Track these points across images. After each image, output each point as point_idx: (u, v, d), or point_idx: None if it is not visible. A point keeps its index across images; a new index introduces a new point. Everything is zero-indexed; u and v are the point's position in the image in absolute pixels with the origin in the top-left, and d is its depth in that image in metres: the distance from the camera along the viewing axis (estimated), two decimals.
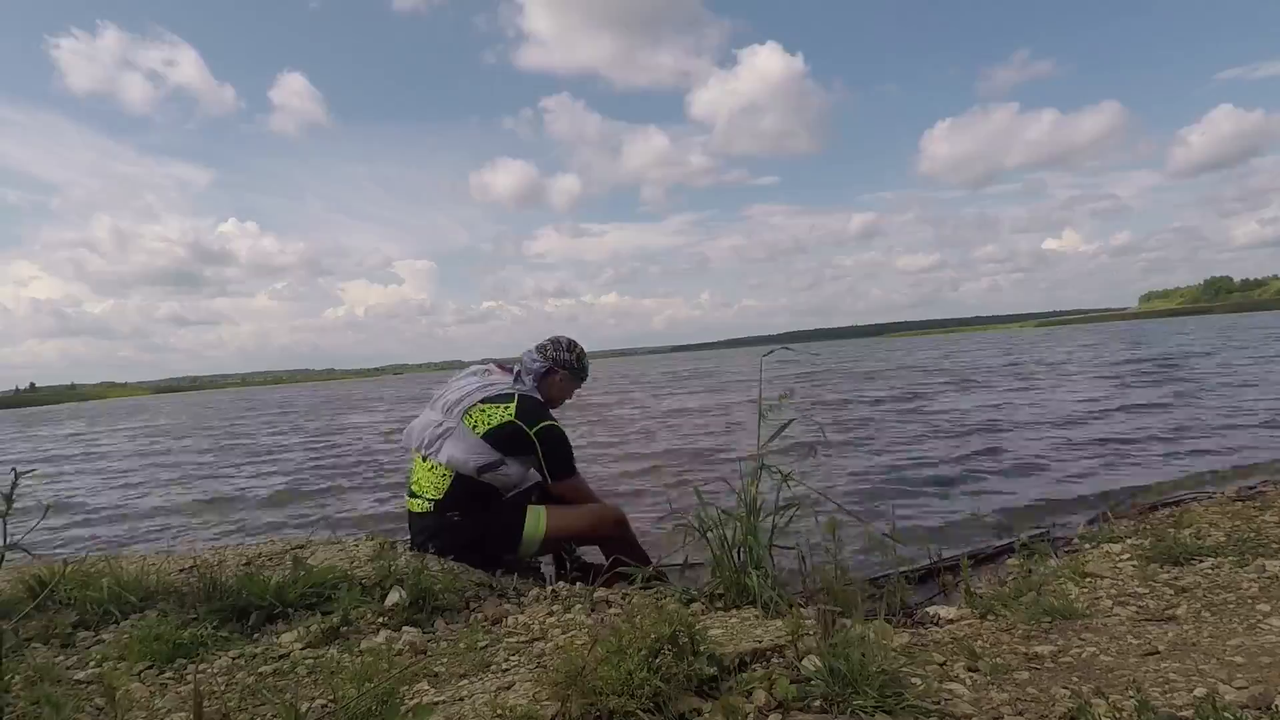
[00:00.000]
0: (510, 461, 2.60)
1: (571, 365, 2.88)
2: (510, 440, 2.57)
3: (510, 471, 2.61)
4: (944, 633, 1.72)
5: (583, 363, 2.94)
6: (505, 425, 2.57)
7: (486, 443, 2.55)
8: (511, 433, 2.57)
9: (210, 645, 1.74)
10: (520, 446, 2.59)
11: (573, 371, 2.90)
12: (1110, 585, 2.05)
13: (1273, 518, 2.68)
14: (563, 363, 2.86)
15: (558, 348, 2.87)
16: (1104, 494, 4.01)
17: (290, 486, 6.59)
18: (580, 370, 2.94)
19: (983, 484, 4.65)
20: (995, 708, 1.28)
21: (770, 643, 1.55)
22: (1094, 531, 2.93)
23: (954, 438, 6.59)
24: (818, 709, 1.27)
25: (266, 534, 4.54)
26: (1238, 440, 5.46)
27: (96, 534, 5.12)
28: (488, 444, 2.55)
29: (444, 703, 1.39)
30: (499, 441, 2.56)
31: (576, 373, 2.92)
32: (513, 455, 2.60)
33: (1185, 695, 1.29)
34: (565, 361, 2.86)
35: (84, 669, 1.66)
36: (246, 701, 1.46)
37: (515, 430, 2.58)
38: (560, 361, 2.85)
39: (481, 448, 2.55)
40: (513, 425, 2.58)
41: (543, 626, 1.87)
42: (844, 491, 4.56)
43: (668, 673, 1.27)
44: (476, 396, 2.64)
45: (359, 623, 1.88)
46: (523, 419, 2.59)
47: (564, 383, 2.90)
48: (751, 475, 2.14)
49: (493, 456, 2.56)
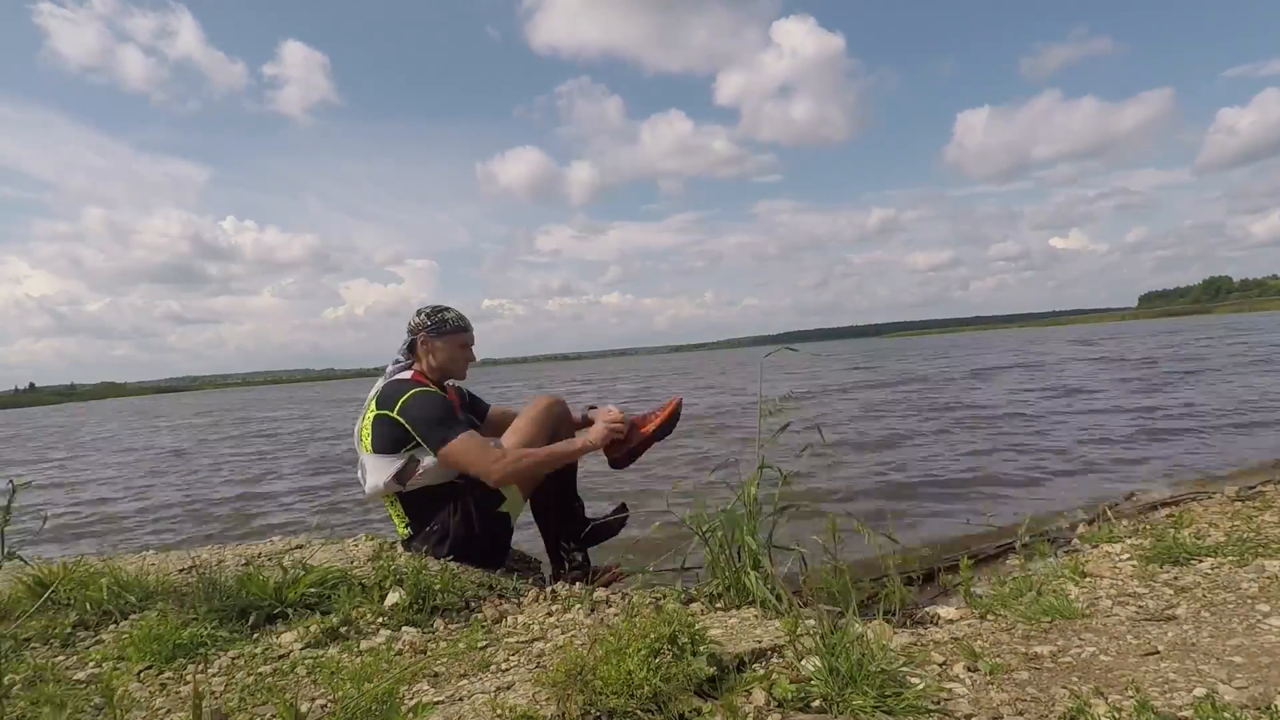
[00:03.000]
0: (419, 455, 2.40)
1: (425, 325, 2.57)
2: (391, 436, 2.38)
3: (429, 464, 2.39)
4: (944, 633, 1.72)
5: (440, 316, 2.60)
6: (375, 423, 2.39)
7: (382, 454, 2.39)
8: (386, 427, 2.38)
9: (210, 645, 1.74)
10: (403, 436, 2.37)
11: (433, 329, 2.58)
12: (1110, 585, 2.05)
13: (1272, 518, 2.68)
14: (417, 327, 2.58)
15: (412, 320, 2.62)
16: (1104, 494, 4.01)
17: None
18: (439, 325, 2.59)
19: (983, 484, 4.65)
20: (995, 708, 1.28)
21: (770, 643, 1.55)
22: (1094, 531, 2.93)
23: (954, 438, 6.59)
24: (817, 709, 1.27)
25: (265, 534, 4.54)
26: (1233, 441, 5.47)
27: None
28: (384, 454, 2.39)
29: (444, 703, 1.39)
30: (387, 443, 2.38)
31: (436, 328, 2.58)
32: (408, 448, 2.39)
33: (1185, 695, 1.29)
34: (419, 325, 2.58)
35: (83, 669, 1.66)
36: (246, 701, 1.46)
37: (384, 422, 2.38)
38: (415, 327, 2.58)
39: (383, 462, 2.39)
40: (379, 418, 2.38)
41: (542, 626, 1.87)
42: (844, 492, 4.56)
43: (667, 673, 1.27)
44: (359, 419, 2.51)
45: (359, 623, 1.88)
46: (383, 407, 2.39)
47: (432, 344, 2.58)
48: (751, 475, 2.14)
49: (398, 462, 2.38)
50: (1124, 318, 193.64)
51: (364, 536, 2.80)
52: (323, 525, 4.73)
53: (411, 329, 2.60)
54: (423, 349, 2.59)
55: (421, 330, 2.58)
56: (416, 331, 2.59)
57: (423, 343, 2.59)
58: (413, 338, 2.60)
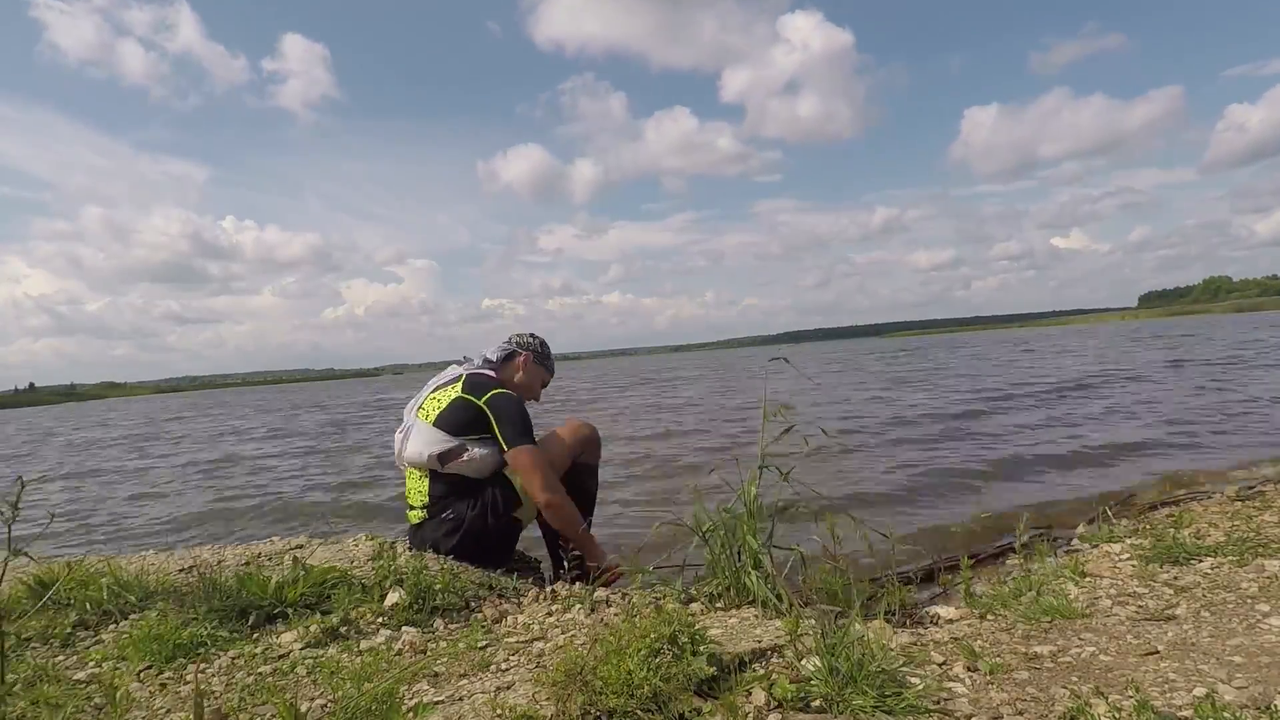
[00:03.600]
0: (472, 445, 2.45)
1: (535, 349, 2.78)
2: (463, 419, 2.44)
3: (475, 455, 2.45)
4: (944, 632, 1.72)
5: (547, 349, 2.83)
6: (453, 403, 2.46)
7: (441, 430, 2.44)
8: (461, 409, 2.45)
9: (210, 645, 1.74)
10: (475, 425, 2.45)
11: (537, 356, 2.78)
12: (1110, 585, 2.05)
13: (1272, 517, 2.68)
14: (526, 345, 2.77)
15: (520, 335, 2.80)
16: (1103, 494, 4.01)
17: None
18: (545, 355, 2.81)
19: (983, 484, 4.65)
20: (995, 707, 1.28)
21: (770, 643, 1.55)
22: (1094, 531, 2.93)
23: (954, 438, 6.59)
24: (817, 709, 1.27)
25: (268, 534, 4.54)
26: (1236, 440, 5.46)
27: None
28: (443, 431, 2.44)
29: (443, 703, 1.39)
30: (452, 424, 2.44)
31: (541, 357, 2.80)
32: (472, 437, 2.45)
33: (1185, 695, 1.29)
34: (529, 345, 2.77)
35: (83, 669, 1.66)
36: (246, 701, 1.46)
37: (463, 405, 2.45)
38: (524, 344, 2.77)
39: (436, 435, 2.44)
40: (460, 400, 2.46)
41: (542, 626, 1.87)
42: (843, 492, 4.56)
43: (667, 673, 1.27)
44: (430, 388, 2.60)
45: (359, 622, 1.88)
46: (469, 392, 2.48)
47: (530, 368, 2.76)
48: (751, 475, 2.14)
49: (451, 443, 2.43)
50: (1124, 317, 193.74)
51: (364, 537, 2.80)
52: (324, 526, 4.73)
53: (518, 344, 2.79)
54: (520, 364, 2.76)
55: (529, 350, 2.79)
56: (523, 349, 2.78)
57: (524, 360, 2.76)
58: (515, 351, 2.77)
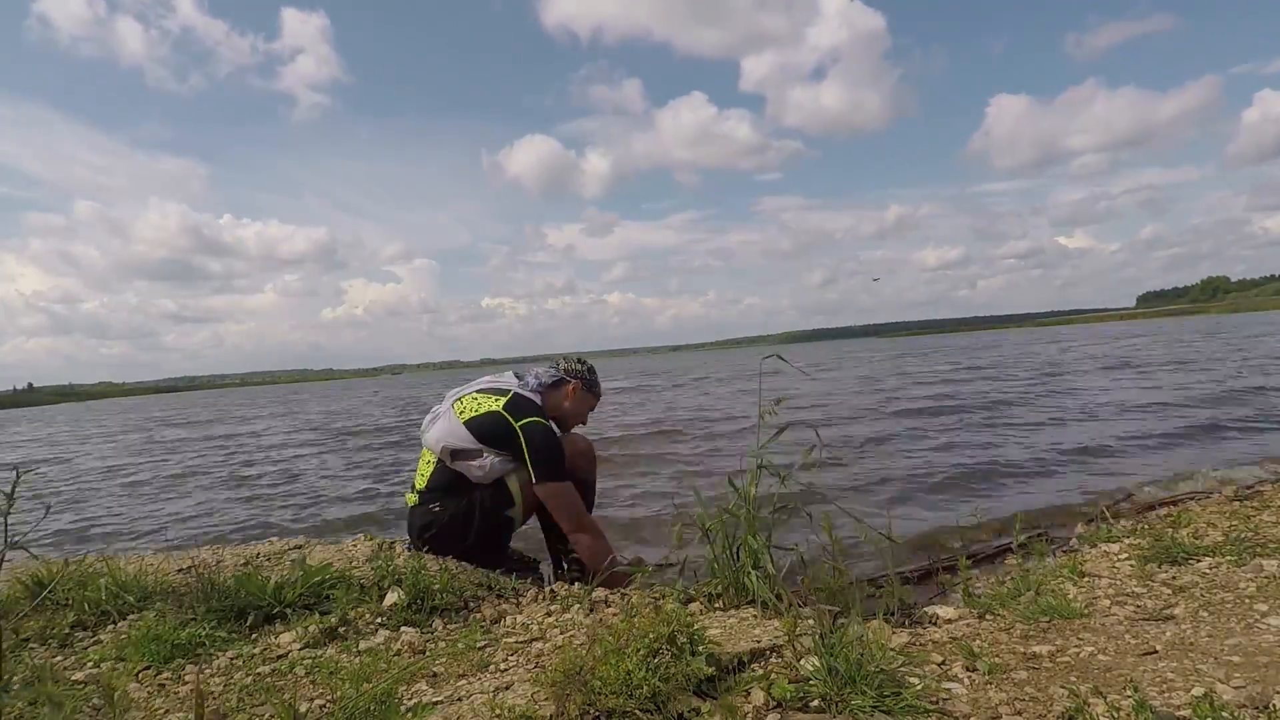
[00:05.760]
0: (488, 455, 2.46)
1: (584, 376, 2.76)
2: (492, 432, 2.45)
3: (486, 464, 2.47)
4: (942, 632, 1.72)
5: (596, 377, 2.81)
6: (490, 414, 2.47)
7: (467, 429, 2.46)
8: (494, 423, 2.45)
9: (208, 645, 1.74)
10: (502, 441, 2.46)
11: (586, 384, 2.76)
12: (1108, 585, 2.05)
13: (1270, 517, 2.68)
14: (576, 373, 2.75)
15: (569, 361, 2.78)
16: (1102, 493, 4.02)
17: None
18: (593, 383, 2.79)
19: (983, 484, 4.65)
20: (993, 707, 1.28)
21: (769, 642, 1.55)
22: (1092, 531, 2.93)
23: (954, 439, 6.60)
24: (816, 709, 1.27)
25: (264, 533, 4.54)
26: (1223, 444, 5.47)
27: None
28: (468, 431, 2.45)
29: (442, 703, 1.39)
30: (480, 431, 2.45)
31: (590, 385, 2.78)
32: (492, 449, 2.46)
33: (1183, 695, 1.29)
34: (578, 373, 2.75)
35: (82, 669, 1.66)
36: (245, 702, 1.46)
37: (498, 421, 2.45)
38: (573, 372, 2.74)
39: (460, 433, 2.46)
40: (497, 415, 2.46)
41: (541, 627, 1.87)
42: (843, 492, 4.56)
43: (666, 673, 1.27)
44: (474, 387, 2.61)
45: (357, 623, 1.88)
46: (510, 411, 2.47)
47: (578, 396, 2.74)
48: (751, 474, 2.14)
49: (469, 444, 2.45)
50: (1123, 317, 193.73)
51: (363, 537, 2.80)
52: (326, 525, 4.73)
53: (566, 371, 2.75)
54: (570, 392, 2.73)
55: (579, 378, 2.75)
56: (573, 376, 2.74)
57: (573, 387, 2.73)
58: (564, 377, 2.74)
